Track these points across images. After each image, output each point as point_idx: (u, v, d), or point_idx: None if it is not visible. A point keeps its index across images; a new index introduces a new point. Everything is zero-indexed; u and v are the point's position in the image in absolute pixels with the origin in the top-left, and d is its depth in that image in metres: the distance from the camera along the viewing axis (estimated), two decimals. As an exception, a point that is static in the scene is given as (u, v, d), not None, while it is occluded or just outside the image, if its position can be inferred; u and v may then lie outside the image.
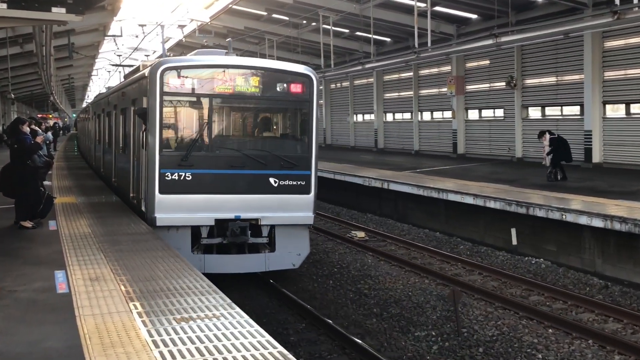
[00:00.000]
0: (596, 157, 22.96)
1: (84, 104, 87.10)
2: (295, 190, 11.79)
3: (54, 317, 6.21)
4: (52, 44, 23.12)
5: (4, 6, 8.87)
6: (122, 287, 7.23)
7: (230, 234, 11.48)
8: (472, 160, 27.92)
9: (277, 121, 13.08)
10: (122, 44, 47.44)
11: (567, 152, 18.56)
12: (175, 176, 11.30)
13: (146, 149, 11.61)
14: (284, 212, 11.75)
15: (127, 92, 14.70)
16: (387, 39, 35.84)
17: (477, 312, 11.15)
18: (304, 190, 11.85)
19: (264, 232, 11.85)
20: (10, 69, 30.49)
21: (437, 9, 27.36)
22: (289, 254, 12.07)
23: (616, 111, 22.87)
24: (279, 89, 11.99)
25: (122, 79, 24.68)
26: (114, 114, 17.09)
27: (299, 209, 11.84)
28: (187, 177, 11.34)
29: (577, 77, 23.77)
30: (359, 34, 35.01)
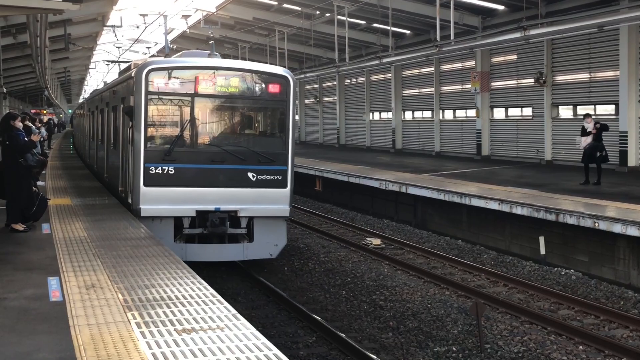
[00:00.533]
0: (632, 160, 22.81)
1: (81, 99, 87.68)
2: (272, 184, 13.34)
3: (47, 327, 6.23)
4: (47, 34, 23.25)
5: (-4, -6, 8.93)
6: (119, 296, 7.25)
7: (210, 224, 12.97)
8: (498, 162, 27.82)
9: (256, 119, 14.57)
10: (122, 35, 47.67)
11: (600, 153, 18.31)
12: (159, 170, 12.85)
13: (132, 145, 13.13)
14: (261, 205, 13.30)
15: (117, 91, 16.42)
16: (407, 32, 35.80)
17: (502, 327, 11.11)
18: (280, 184, 13.40)
19: (243, 223, 13.34)
20: (2, 61, 30.63)
21: (461, -1, 27.30)
22: (267, 245, 13.59)
23: (654, 111, 22.72)
24: (257, 89, 13.75)
25: (118, 75, 25.39)
26: (106, 111, 18.55)
27: (275, 202, 13.40)
28: (170, 171, 12.90)
29: (612, 73, 23.62)
30: (376, 25, 34.97)
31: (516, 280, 13.90)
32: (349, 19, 32.53)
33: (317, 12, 35.80)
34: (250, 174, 13.23)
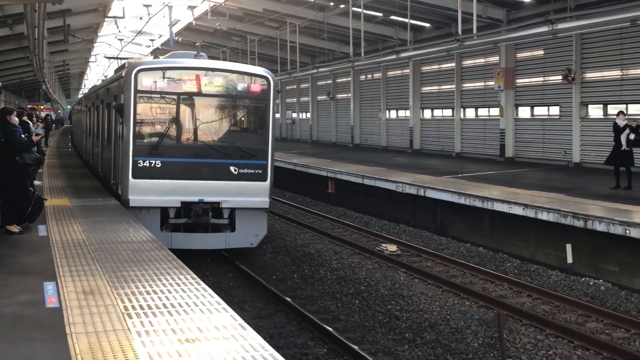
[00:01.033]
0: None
1: (80, 95, 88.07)
2: (253, 177, 15.07)
3: (42, 335, 6.26)
4: (45, 25, 23.35)
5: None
6: (119, 302, 7.28)
7: (194, 214, 14.62)
8: (522, 164, 27.75)
9: (238, 117, 16.36)
10: (125, 27, 47.79)
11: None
12: (146, 163, 14.57)
13: (122, 140, 14.89)
14: (242, 197, 14.99)
15: (110, 89, 18.40)
16: (426, 25, 35.76)
17: (525, 340, 11.08)
18: (261, 177, 15.11)
19: (225, 214, 15.05)
20: (-2, 54, 30.91)
21: (485, -10, 27.28)
22: (248, 234, 15.26)
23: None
24: (240, 88, 15.68)
25: (114, 72, 26.21)
26: (101, 109, 20.43)
27: (256, 194, 15.07)
28: (157, 165, 14.61)
29: (646, 70, 23.53)
30: (393, 18, 34.98)
31: (541, 290, 13.85)
32: (364, 11, 32.53)
33: (331, 4, 35.82)
34: (232, 168, 14.93)
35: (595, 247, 15.03)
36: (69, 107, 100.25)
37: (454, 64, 34.08)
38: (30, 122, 16.94)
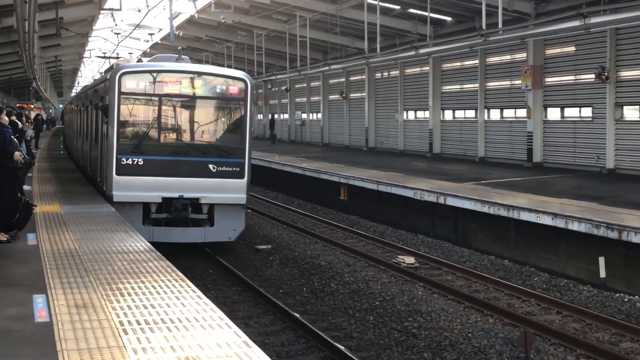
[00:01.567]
0: None
1: (73, 93, 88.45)
2: (230, 175, 16.95)
3: (31, 352, 6.27)
4: (36, 18, 23.49)
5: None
6: (114, 317, 7.29)
7: (174, 210, 16.49)
8: (551, 170, 27.69)
9: (217, 117, 18.15)
10: (122, 20, 47.90)
11: None
12: (129, 161, 16.46)
13: (107, 139, 16.81)
14: (220, 193, 16.87)
15: (98, 90, 20.58)
16: (448, 18, 35.79)
17: (554, 361, 11.04)
18: (238, 175, 17.02)
19: (204, 209, 16.93)
20: (-15, 48, 31.07)
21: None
22: (226, 229, 17.14)
23: None
24: (219, 90, 17.57)
25: (104, 72, 27.51)
26: (90, 109, 22.34)
27: (233, 190, 16.95)
28: (139, 162, 16.52)
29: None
30: (412, 11, 35.03)
31: (571, 307, 13.81)
32: (381, 3, 32.57)
33: (345, -5, 35.91)
34: (210, 166, 16.84)
35: (630, 261, 14.98)
36: (61, 106, 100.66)
37: (477, 61, 34.05)
38: (19, 122, 17.05)
